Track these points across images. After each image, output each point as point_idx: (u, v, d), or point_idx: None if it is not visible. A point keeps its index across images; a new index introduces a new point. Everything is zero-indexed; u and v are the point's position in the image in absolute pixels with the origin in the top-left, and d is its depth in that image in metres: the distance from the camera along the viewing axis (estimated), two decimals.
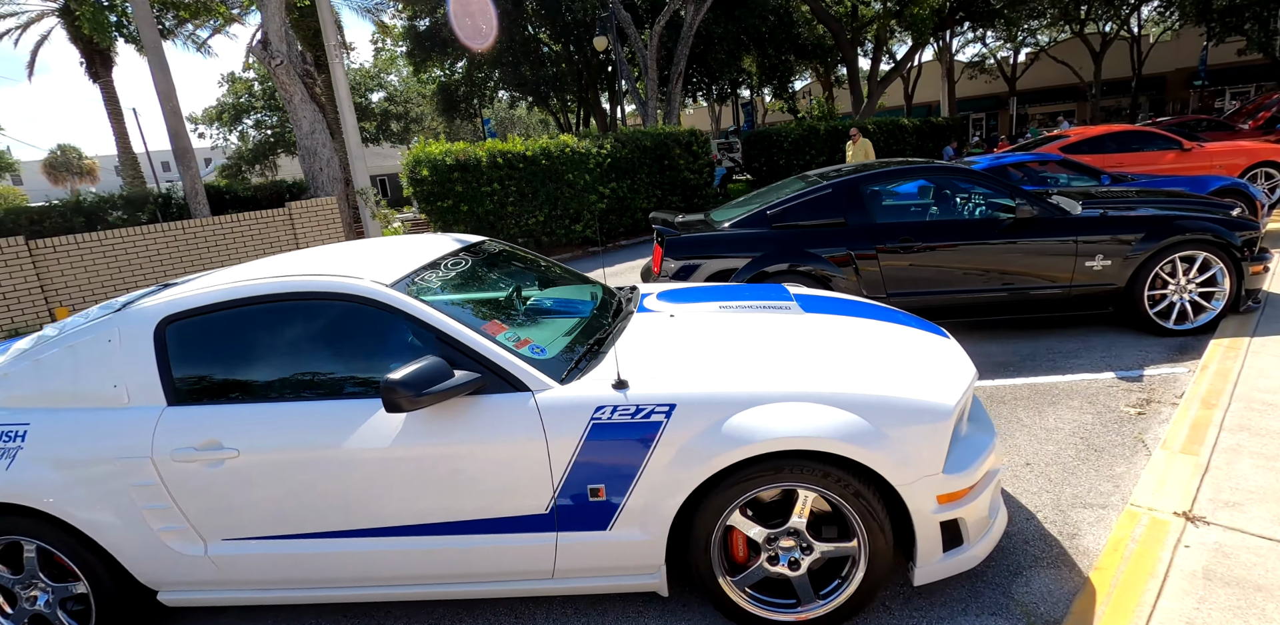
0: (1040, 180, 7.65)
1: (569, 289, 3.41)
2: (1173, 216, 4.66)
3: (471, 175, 10.58)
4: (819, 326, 2.73)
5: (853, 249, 4.86)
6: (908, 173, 5.07)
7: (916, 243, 4.80)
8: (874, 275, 4.86)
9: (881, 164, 5.26)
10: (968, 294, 4.83)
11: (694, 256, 5.06)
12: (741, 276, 4.93)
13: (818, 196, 5.02)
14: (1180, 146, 9.23)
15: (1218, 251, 4.60)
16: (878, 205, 5.00)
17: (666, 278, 5.18)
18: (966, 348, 4.84)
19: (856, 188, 4.98)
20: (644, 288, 3.51)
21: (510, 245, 3.81)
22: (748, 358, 2.41)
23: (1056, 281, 4.74)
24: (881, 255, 4.83)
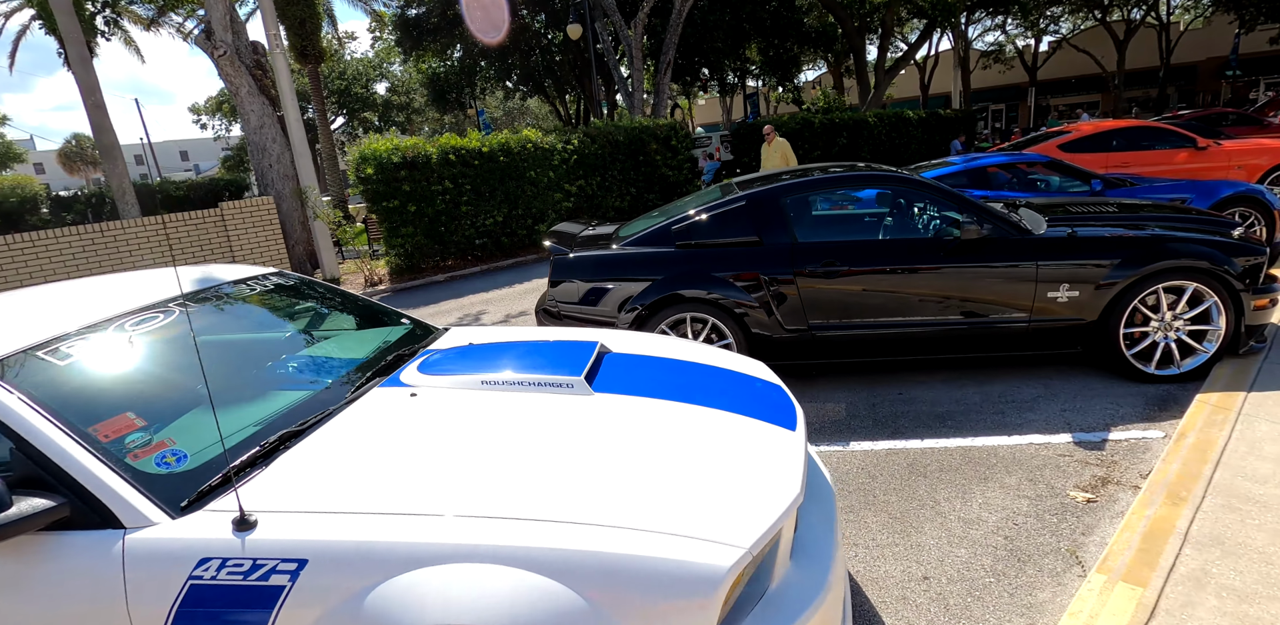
0: (1030, 183, 6.77)
1: (345, 341, 2.69)
2: (1157, 238, 3.82)
3: (421, 173, 9.88)
4: (595, 419, 1.97)
5: (766, 273, 4.07)
6: (838, 182, 4.25)
7: (843, 266, 4.00)
8: (792, 304, 4.08)
9: (808, 171, 4.45)
10: (904, 328, 4.03)
11: (584, 279, 4.32)
12: (639, 305, 4.18)
13: (729, 210, 4.24)
14: (1194, 144, 8.25)
15: (1212, 282, 3.75)
16: (800, 221, 4.21)
17: (553, 306, 4.44)
18: (901, 391, 4.05)
19: (775, 200, 4.19)
20: (450, 337, 2.77)
21: (304, 279, 3.10)
22: (458, 477, 1.68)
23: (1012, 315, 3.92)
24: (801, 280, 4.04)
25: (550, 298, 4.44)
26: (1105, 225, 4.06)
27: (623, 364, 2.38)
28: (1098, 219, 4.17)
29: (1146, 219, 4.17)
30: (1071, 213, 4.33)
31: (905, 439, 3.55)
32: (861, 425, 3.78)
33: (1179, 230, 3.93)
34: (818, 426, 3.82)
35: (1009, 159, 6.59)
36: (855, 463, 3.36)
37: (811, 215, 4.37)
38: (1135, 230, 3.94)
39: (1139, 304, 3.83)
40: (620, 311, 4.24)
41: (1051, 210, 4.46)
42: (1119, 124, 8.74)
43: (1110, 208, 4.46)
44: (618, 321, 4.25)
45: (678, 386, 2.22)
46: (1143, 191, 6.15)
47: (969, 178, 6.46)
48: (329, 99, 36.33)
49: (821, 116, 16.17)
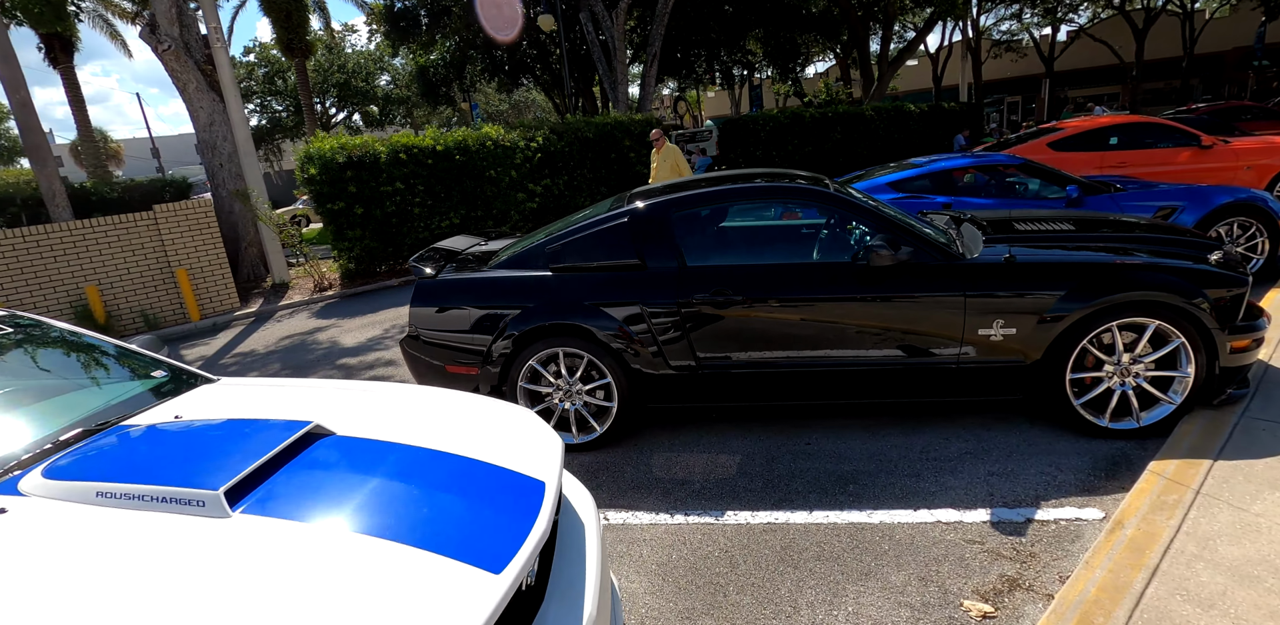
0: (1008, 188, 6.06)
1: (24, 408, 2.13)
2: (1112, 265, 3.14)
3: (368, 173, 9.34)
4: (206, 562, 1.38)
5: (648, 302, 3.46)
6: (734, 195, 3.60)
7: (736, 295, 3.37)
8: (676, 338, 3.46)
9: (702, 182, 3.82)
10: (808, 367, 3.40)
11: (448, 306, 3.73)
12: (509, 337, 3.59)
13: (608, 228, 3.62)
14: (1198, 143, 7.47)
15: (1178, 319, 3.07)
16: (691, 241, 3.58)
17: (414, 333, 3.86)
18: (810, 441, 3.42)
19: (660, 217, 3.56)
20: (180, 403, 2.20)
21: (39, 320, 2.55)
22: None
23: (936, 354, 3.28)
24: (686, 311, 3.42)
25: (411, 325, 3.86)
26: (1054, 247, 3.39)
27: (322, 460, 1.79)
28: (1047, 239, 3.49)
29: (1106, 239, 3.49)
30: (1018, 231, 3.66)
31: (791, 510, 2.94)
32: (748, 487, 3.16)
33: (1141, 254, 3.25)
34: (697, 487, 3.21)
35: (973, 161, 5.88)
36: (721, 543, 2.75)
37: (706, 235, 3.74)
38: (1087, 254, 3.26)
39: (1089, 344, 3.16)
40: (488, 345, 3.66)
41: (1000, 226, 3.80)
42: (1115, 120, 7.96)
43: (1066, 224, 3.77)
44: (485, 357, 3.67)
45: (374, 500, 1.62)
46: (1127, 198, 5.43)
47: (932, 182, 5.77)
48: (329, 93, 36.03)
49: (814, 110, 15.40)
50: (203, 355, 7.27)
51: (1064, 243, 3.43)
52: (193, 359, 7.16)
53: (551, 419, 3.74)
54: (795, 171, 4.03)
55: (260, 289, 10.35)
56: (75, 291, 8.28)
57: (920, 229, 3.38)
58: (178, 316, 8.90)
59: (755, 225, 3.80)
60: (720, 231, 3.75)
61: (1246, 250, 5.45)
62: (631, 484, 3.33)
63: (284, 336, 7.65)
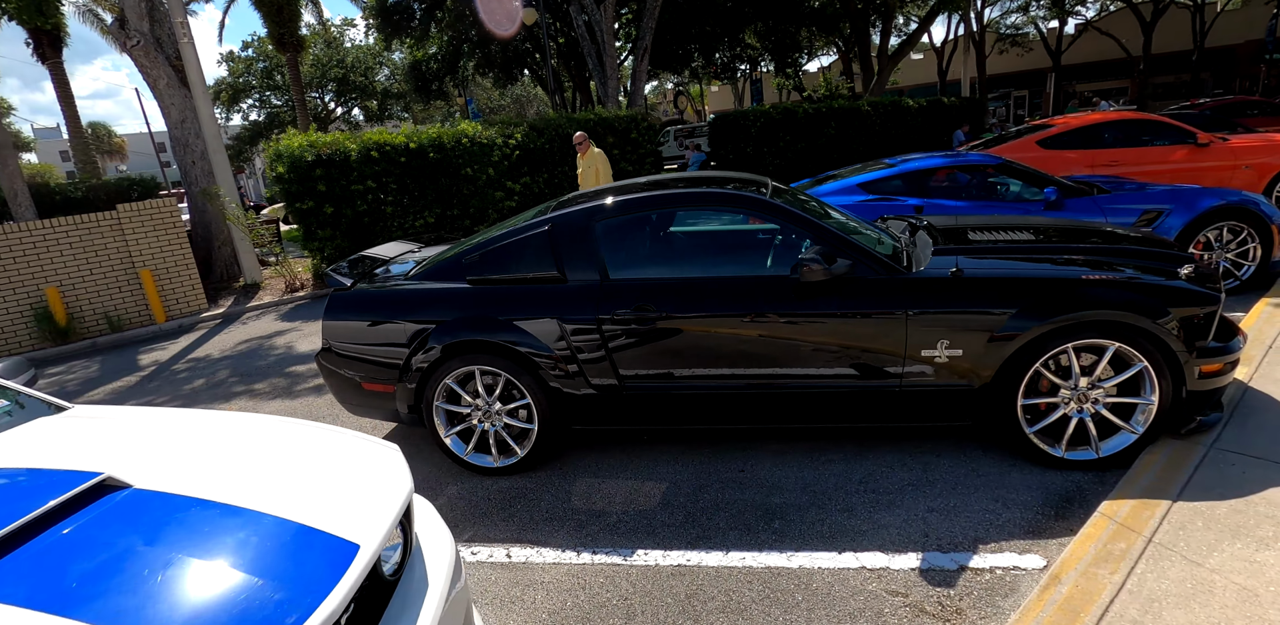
0: (986, 189, 5.75)
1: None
2: (1068, 281, 2.85)
3: (338, 172, 9.09)
4: None
5: (568, 317, 3.19)
6: (663, 202, 3.32)
7: (660, 311, 3.10)
8: (598, 356, 3.19)
9: (630, 188, 3.54)
10: (740, 389, 3.13)
11: (363, 319, 3.48)
12: (422, 354, 3.34)
13: (528, 237, 3.35)
14: (1194, 140, 7.12)
15: (1141, 341, 2.78)
16: (614, 252, 3.30)
17: (328, 348, 3.62)
18: (744, 468, 3.15)
19: (583, 225, 3.29)
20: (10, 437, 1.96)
21: None
22: None
23: (877, 376, 3.00)
24: (606, 328, 3.16)
25: (325, 338, 3.62)
26: (1008, 259, 3.10)
27: (93, 523, 1.54)
28: (1001, 250, 3.20)
29: (1066, 251, 3.19)
30: (971, 241, 3.36)
31: (707, 549, 2.67)
32: (667, 521, 2.90)
33: (1103, 268, 2.95)
34: (613, 519, 2.95)
35: (948, 161, 5.57)
36: (624, 588, 2.50)
37: (632, 245, 3.46)
38: (1043, 267, 2.97)
39: (1043, 368, 2.88)
40: (402, 362, 3.41)
41: (956, 235, 3.50)
42: (1110, 116, 7.61)
43: (1027, 232, 3.47)
44: (401, 375, 3.42)
45: (120, 581, 1.37)
46: (1110, 201, 5.11)
47: (905, 183, 5.47)
48: (327, 87, 35.84)
49: (807, 105, 15.03)
50: (157, 360, 7.06)
51: (1019, 255, 3.13)
52: (147, 364, 6.96)
53: (471, 441, 3.49)
54: (740, 175, 3.75)
55: (232, 289, 10.15)
56: (35, 293, 8.09)
57: (860, 240, 3.09)
58: (143, 318, 8.71)
59: (689, 234, 3.52)
60: (649, 241, 3.48)
61: (1237, 256, 5.13)
62: (546, 514, 3.08)
63: (243, 340, 7.44)
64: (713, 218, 3.83)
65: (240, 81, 34.13)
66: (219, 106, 34.36)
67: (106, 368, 7.02)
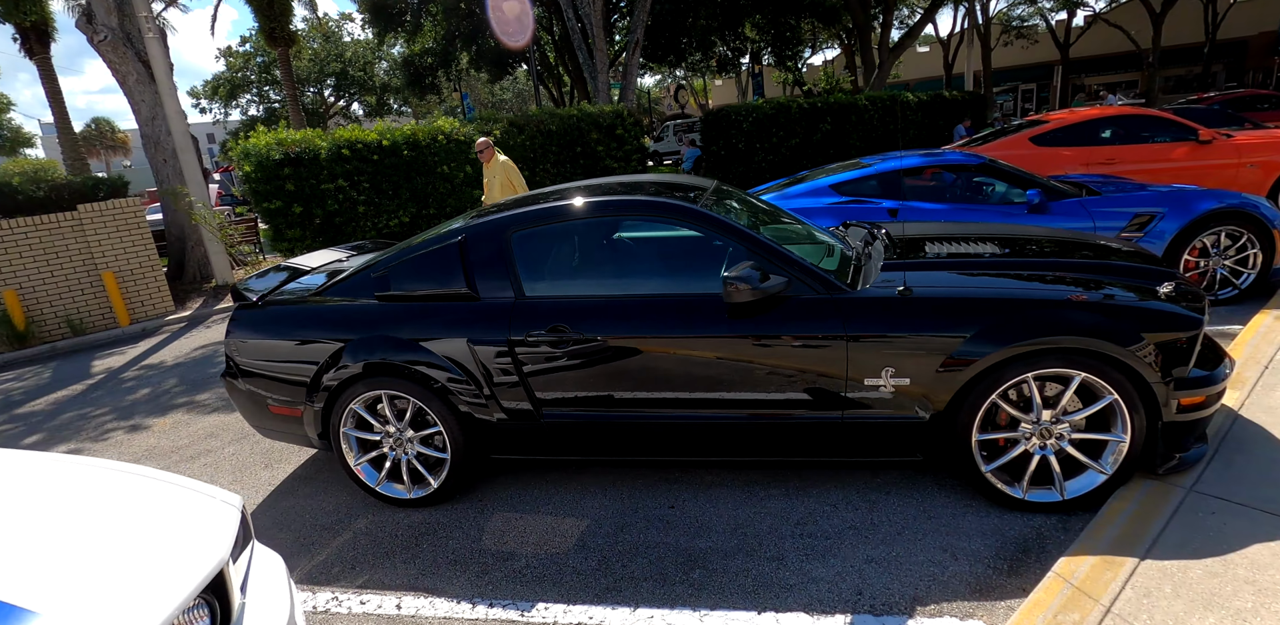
0: (972, 190, 5.40)
1: None
2: (1029, 302, 2.52)
3: (308, 171, 8.81)
4: None
5: (479, 338, 2.89)
6: (585, 211, 3.00)
7: (577, 332, 2.79)
8: (511, 382, 2.89)
9: (552, 196, 3.22)
10: (668, 419, 2.82)
11: (267, 337, 3.20)
12: (327, 376, 3.05)
13: (439, 249, 3.05)
14: (1196, 137, 6.73)
15: (1109, 370, 2.46)
16: (529, 268, 2.99)
17: (231, 367, 3.33)
18: (675, 504, 2.84)
19: (497, 238, 2.98)
20: None
21: None
22: None
23: (817, 407, 2.68)
24: (520, 350, 2.85)
25: (229, 357, 3.33)
26: (964, 275, 2.77)
27: None
28: (958, 265, 2.87)
29: (1031, 266, 2.85)
30: (927, 254, 3.03)
31: (614, 604, 2.37)
32: (578, 568, 2.60)
33: (1069, 285, 2.62)
34: (521, 564, 2.66)
35: (926, 160, 5.21)
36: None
37: (553, 259, 3.14)
38: (1002, 285, 2.64)
39: (1001, 399, 2.55)
40: (308, 385, 3.12)
41: (913, 246, 3.18)
42: (1107, 112, 7.23)
43: (992, 243, 3.14)
44: (308, 399, 3.13)
45: None
46: (1099, 203, 4.76)
47: (880, 184, 5.12)
48: (326, 82, 35.61)
49: (801, 100, 14.63)
50: (110, 367, 6.82)
51: (979, 270, 2.80)
52: (98, 371, 6.71)
53: (383, 469, 3.21)
54: (680, 180, 3.43)
55: (203, 291, 9.91)
56: None
57: (800, 253, 2.77)
58: (106, 321, 8.47)
59: (618, 247, 3.19)
60: (571, 255, 3.16)
61: (1236, 263, 4.77)
62: (452, 555, 2.79)
63: (201, 346, 7.18)
64: (658, 227, 3.51)
65: (238, 77, 33.93)
66: (217, 101, 34.22)
67: (59, 374, 6.78)
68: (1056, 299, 2.51)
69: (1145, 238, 4.69)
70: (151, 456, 4.31)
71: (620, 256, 3.04)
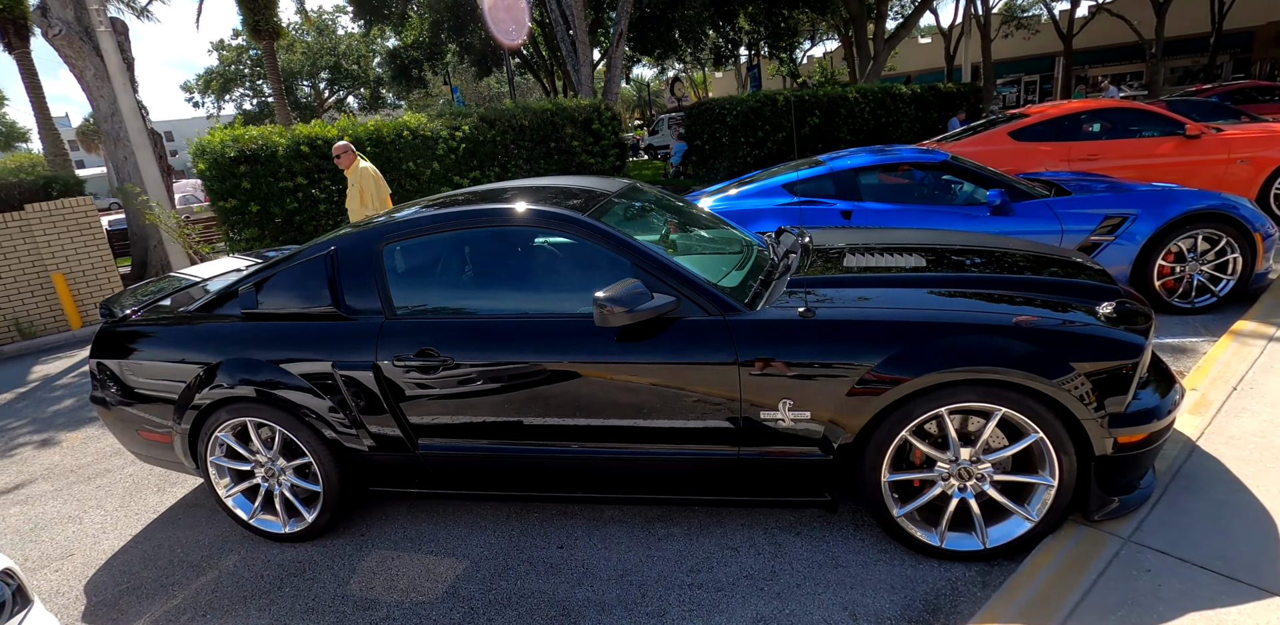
0: (934, 189, 5.07)
1: None
2: (944, 325, 2.21)
3: (265, 168, 8.53)
4: None
5: (342, 363, 2.60)
6: (460, 221, 2.67)
7: (447, 355, 2.50)
8: (379, 410, 2.61)
9: (434, 203, 2.92)
10: (547, 455, 2.53)
11: (131, 358, 2.92)
12: (190, 400, 2.78)
13: (306, 264, 2.76)
14: (1182, 132, 6.37)
15: (1033, 405, 2.15)
16: (401, 284, 2.70)
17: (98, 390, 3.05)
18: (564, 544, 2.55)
19: (366, 251, 2.69)
20: None
21: None
22: None
23: (707, 441, 2.39)
24: (388, 375, 2.57)
25: (95, 379, 3.06)
26: (879, 291, 2.46)
27: None
28: (873, 281, 2.55)
29: (956, 282, 2.53)
30: (844, 268, 2.71)
31: None
32: (440, 621, 2.32)
33: (995, 304, 2.31)
34: (381, 615, 2.38)
35: (881, 158, 4.87)
36: None
37: (426, 275, 2.83)
38: (920, 303, 2.33)
39: (912, 436, 2.25)
40: (173, 409, 2.84)
41: (831, 258, 2.87)
42: (1089, 105, 6.87)
43: (918, 255, 2.82)
44: (175, 425, 2.86)
45: None
46: (1067, 204, 4.42)
47: (834, 183, 4.80)
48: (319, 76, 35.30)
49: (788, 92, 14.25)
50: (46, 374, 6.57)
51: (893, 287, 2.49)
52: (34, 378, 6.47)
53: (257, 501, 2.93)
54: (583, 184, 3.12)
55: None
56: None
57: (697, 268, 2.46)
58: (58, 324, 8.23)
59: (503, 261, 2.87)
60: (449, 269, 2.85)
61: (1215, 269, 4.44)
62: (311, 603, 2.51)
63: None
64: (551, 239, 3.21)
65: (230, 70, 33.65)
66: (210, 95, 33.94)
67: None
68: (975, 322, 2.20)
69: (1117, 241, 4.36)
70: (51, 476, 4.06)
71: (502, 271, 2.74)
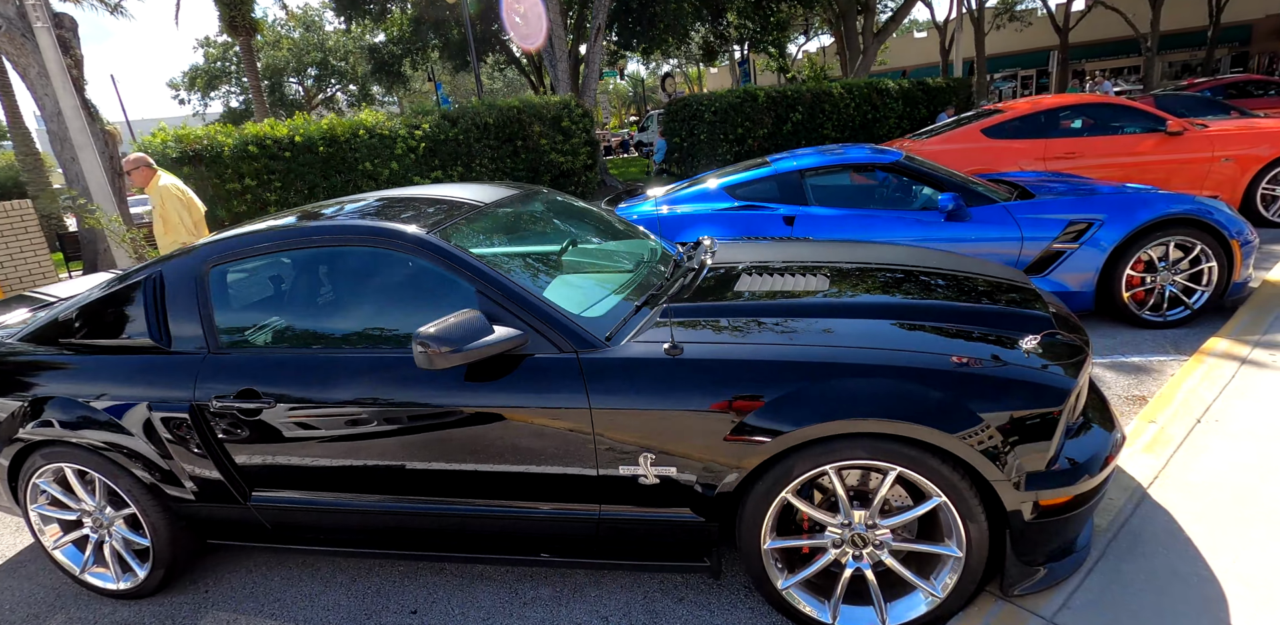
0: (904, 189, 4.71)
1: None
2: (828, 366, 1.85)
3: (211, 170, 8.18)
4: None
5: (158, 402, 2.26)
6: (285, 240, 2.29)
7: (269, 398, 2.16)
8: (200, 457, 2.26)
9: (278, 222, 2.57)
10: (393, 509, 2.19)
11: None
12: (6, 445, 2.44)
13: (127, 289, 2.41)
14: (1164, 128, 6.01)
15: (930, 464, 1.80)
16: (230, 312, 2.35)
17: None
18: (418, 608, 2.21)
19: (190, 275, 2.34)
20: None
21: None
22: None
23: (563, 498, 2.05)
24: (210, 418, 2.22)
25: None
26: (765, 321, 2.10)
27: None
28: (762, 309, 2.20)
29: (860, 309, 2.17)
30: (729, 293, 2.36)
31: None
32: None
33: (899, 339, 1.96)
34: None
35: (829, 160, 4.49)
36: None
37: (262, 301, 2.48)
38: (804, 342, 1.97)
39: (795, 497, 1.91)
40: None
41: (724, 281, 2.52)
42: (1065, 101, 6.49)
43: (824, 274, 2.46)
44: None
45: None
46: (1028, 209, 4.06)
47: (779, 187, 4.44)
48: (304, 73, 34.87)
49: (769, 88, 13.85)
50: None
51: (783, 317, 2.13)
52: None
53: (87, 550, 2.60)
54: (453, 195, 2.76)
55: None
56: None
57: (540, 297, 2.09)
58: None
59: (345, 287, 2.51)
60: (283, 295, 2.50)
61: (1189, 278, 4.08)
62: None
63: None
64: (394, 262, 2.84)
65: (216, 67, 33.23)
66: (195, 92, 33.51)
67: None
68: (864, 362, 1.85)
69: (1081, 249, 4.00)
70: None
71: (335, 298, 2.38)
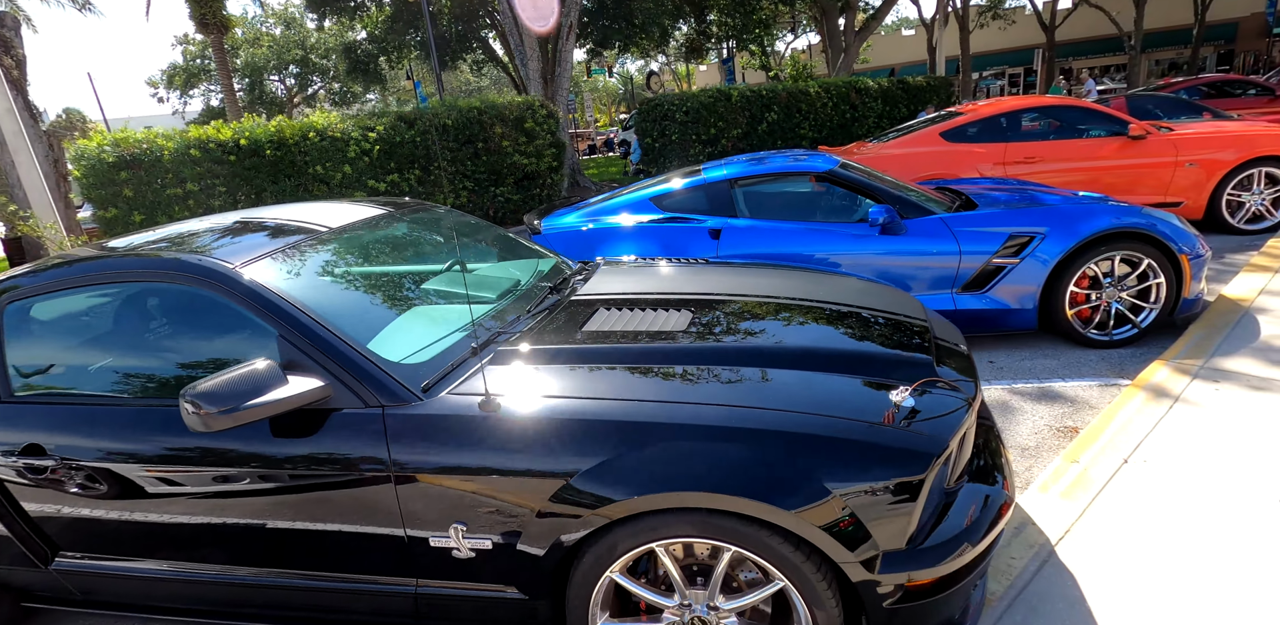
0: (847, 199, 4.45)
1: None
2: (658, 427, 1.59)
3: (150, 174, 7.88)
4: None
5: None
6: (94, 274, 2.01)
7: (54, 452, 1.89)
8: None
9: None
10: (201, 579, 1.93)
11: None
12: None
13: None
14: (1126, 132, 5.78)
15: (770, 544, 1.54)
16: (29, 354, 2.07)
17: None
18: None
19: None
20: None
21: None
22: None
23: (378, 570, 1.79)
24: (3, 475, 1.96)
25: None
26: (601, 369, 1.84)
27: None
28: (601, 355, 1.94)
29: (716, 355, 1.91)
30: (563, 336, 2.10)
31: None
32: None
33: (743, 395, 1.70)
34: None
35: (758, 169, 4.25)
36: None
37: (66, 342, 2.20)
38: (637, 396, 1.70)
39: (623, 576, 1.65)
40: None
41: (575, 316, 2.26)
42: (1026, 103, 6.26)
43: (689, 309, 2.20)
44: None
45: None
46: (966, 222, 3.82)
47: (708, 197, 4.18)
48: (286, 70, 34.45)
49: (743, 87, 13.59)
50: None
51: (627, 364, 1.87)
52: None
53: None
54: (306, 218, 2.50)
55: None
56: None
57: (349, 341, 1.82)
58: None
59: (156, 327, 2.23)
60: (89, 337, 2.22)
61: (1137, 295, 3.85)
62: None
63: None
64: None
65: (195, 65, 32.77)
66: (174, 90, 33.05)
67: None
68: (699, 424, 1.59)
69: (1022, 264, 3.76)
70: None
71: (135, 341, 2.10)
